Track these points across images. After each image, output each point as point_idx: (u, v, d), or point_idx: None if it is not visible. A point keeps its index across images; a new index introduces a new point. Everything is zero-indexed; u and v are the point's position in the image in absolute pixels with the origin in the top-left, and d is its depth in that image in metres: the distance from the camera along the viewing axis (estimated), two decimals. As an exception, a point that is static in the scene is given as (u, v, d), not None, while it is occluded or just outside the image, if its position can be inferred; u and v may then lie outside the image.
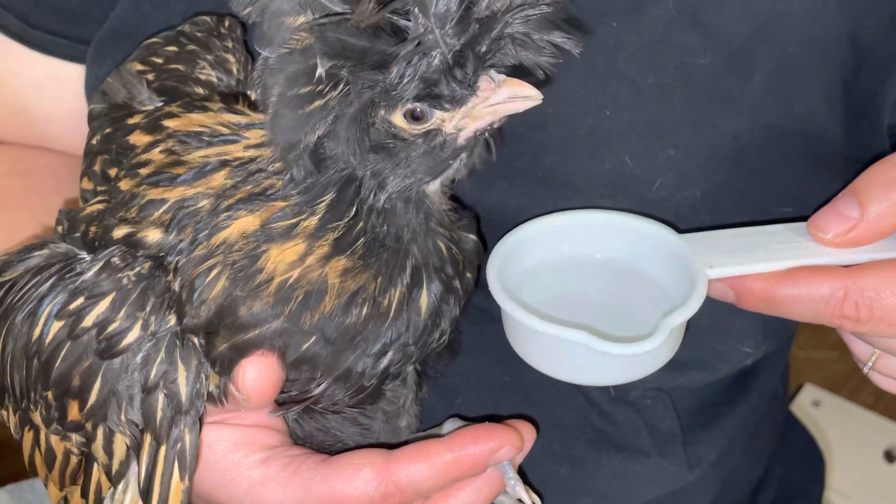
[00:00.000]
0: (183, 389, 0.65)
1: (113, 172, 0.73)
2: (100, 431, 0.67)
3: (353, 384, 0.69)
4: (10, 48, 0.99)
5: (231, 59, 0.81)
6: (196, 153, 0.69)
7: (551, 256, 0.79)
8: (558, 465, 0.89)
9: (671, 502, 0.91)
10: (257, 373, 0.66)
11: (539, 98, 0.63)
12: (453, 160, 0.66)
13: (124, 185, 0.70)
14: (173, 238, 0.66)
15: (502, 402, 0.88)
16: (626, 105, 0.79)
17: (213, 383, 0.68)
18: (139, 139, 0.72)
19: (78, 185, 0.79)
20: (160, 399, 0.65)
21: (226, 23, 0.83)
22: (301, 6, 0.59)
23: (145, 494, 0.67)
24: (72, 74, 0.99)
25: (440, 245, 0.70)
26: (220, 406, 0.69)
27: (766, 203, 0.82)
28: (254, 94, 0.81)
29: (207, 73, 0.80)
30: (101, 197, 0.72)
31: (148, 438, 0.66)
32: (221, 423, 0.72)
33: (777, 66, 0.79)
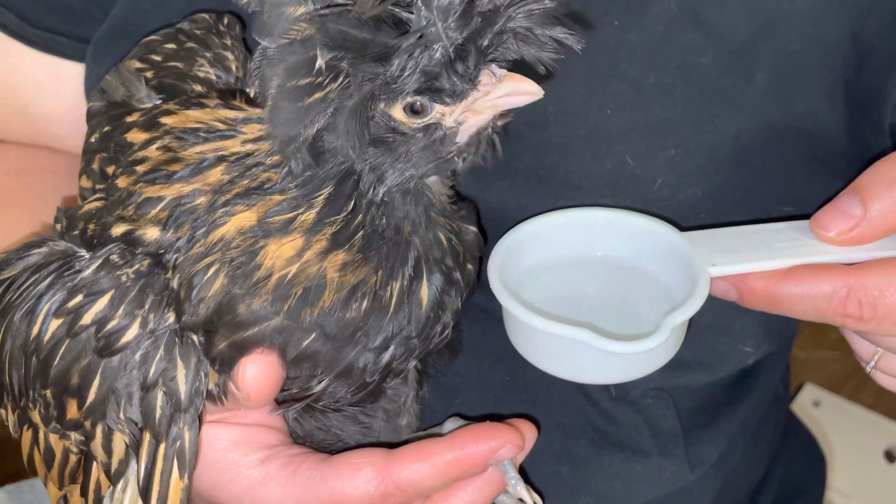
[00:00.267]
0: (182, 387, 0.65)
1: (111, 170, 0.73)
2: (99, 430, 0.67)
3: (354, 381, 0.69)
4: (10, 47, 0.99)
5: (230, 56, 0.81)
6: (192, 149, 0.68)
7: (552, 254, 0.79)
8: (559, 465, 0.89)
9: (672, 502, 0.91)
10: (257, 371, 0.66)
11: (540, 93, 0.63)
12: (454, 154, 0.65)
13: (121, 183, 0.70)
14: (171, 235, 0.66)
15: (503, 401, 0.88)
16: (628, 104, 0.79)
17: (213, 381, 0.67)
18: (136, 137, 0.72)
19: (76, 184, 0.79)
20: (159, 397, 0.65)
21: (225, 20, 0.83)
22: None
23: (144, 493, 0.67)
24: (72, 73, 0.98)
25: (440, 236, 0.69)
26: (220, 405, 0.69)
27: (767, 202, 0.81)
28: (252, 88, 0.81)
29: (206, 71, 0.80)
30: (100, 194, 0.72)
31: (147, 437, 0.66)
32: (221, 421, 0.72)
33: (779, 65, 0.78)
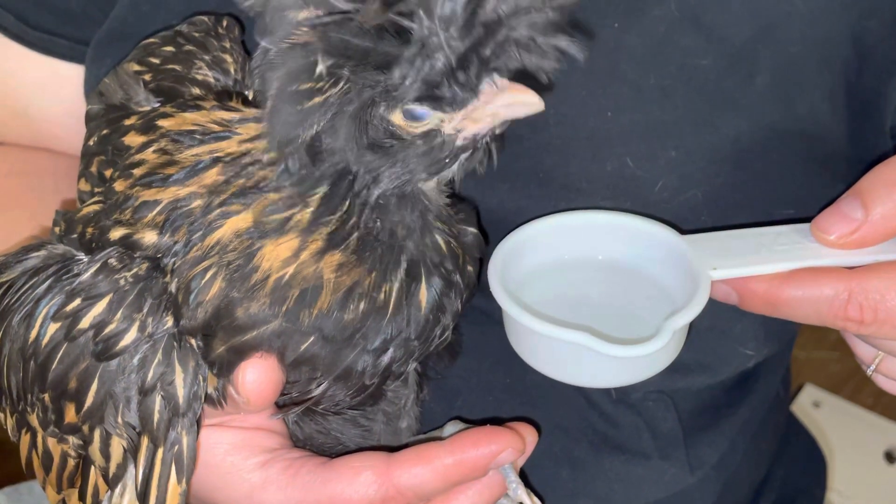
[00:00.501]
0: (180, 391, 0.65)
1: (109, 173, 0.73)
2: (97, 434, 0.67)
3: (353, 383, 0.69)
4: (10, 48, 0.99)
5: (228, 59, 0.81)
6: (188, 152, 0.68)
7: (553, 257, 0.79)
8: (559, 468, 0.89)
9: (673, 505, 0.91)
10: (257, 375, 0.66)
11: (541, 106, 0.63)
12: (451, 161, 0.65)
13: (119, 186, 0.70)
14: (168, 239, 0.66)
15: (503, 403, 0.88)
16: (628, 106, 0.79)
17: (212, 385, 0.67)
18: (134, 140, 0.72)
19: (76, 186, 0.79)
20: (157, 401, 0.65)
21: (223, 22, 0.83)
22: (304, 0, 0.59)
23: (142, 497, 0.67)
24: (71, 74, 0.98)
25: (438, 240, 0.69)
26: (220, 408, 0.69)
27: (768, 205, 0.81)
28: (251, 91, 0.81)
29: (204, 74, 0.80)
30: (98, 198, 0.72)
31: (145, 441, 0.66)
32: (221, 425, 0.72)
33: (779, 67, 0.78)
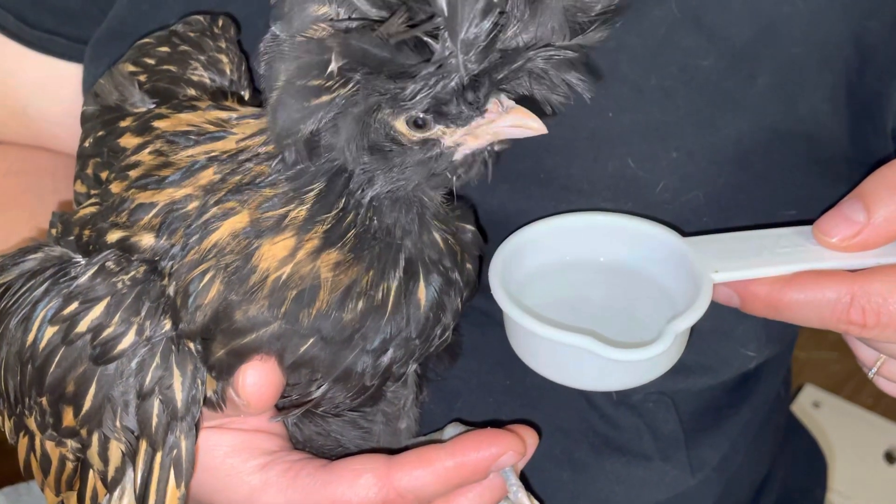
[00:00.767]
0: (178, 395, 0.65)
1: (105, 175, 0.73)
2: (95, 438, 0.66)
3: (353, 385, 0.69)
4: (9, 48, 0.98)
5: (224, 59, 0.81)
6: (183, 153, 0.68)
7: (554, 259, 0.78)
8: (560, 470, 0.89)
9: (673, 506, 0.91)
10: (257, 377, 0.66)
11: (544, 130, 0.63)
12: (447, 173, 0.65)
13: (115, 188, 0.69)
14: (164, 242, 0.66)
15: (503, 405, 0.88)
16: (629, 107, 0.79)
17: (211, 388, 0.67)
18: (129, 141, 0.72)
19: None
20: (155, 405, 0.65)
21: (219, 22, 0.83)
22: None
23: (141, 501, 0.66)
24: (70, 74, 0.98)
25: (436, 238, 0.69)
26: (219, 411, 0.68)
27: (770, 206, 0.81)
28: (246, 91, 0.81)
29: (200, 74, 0.79)
30: (94, 200, 0.71)
31: (143, 445, 0.66)
32: (220, 427, 0.72)
33: (780, 67, 0.78)
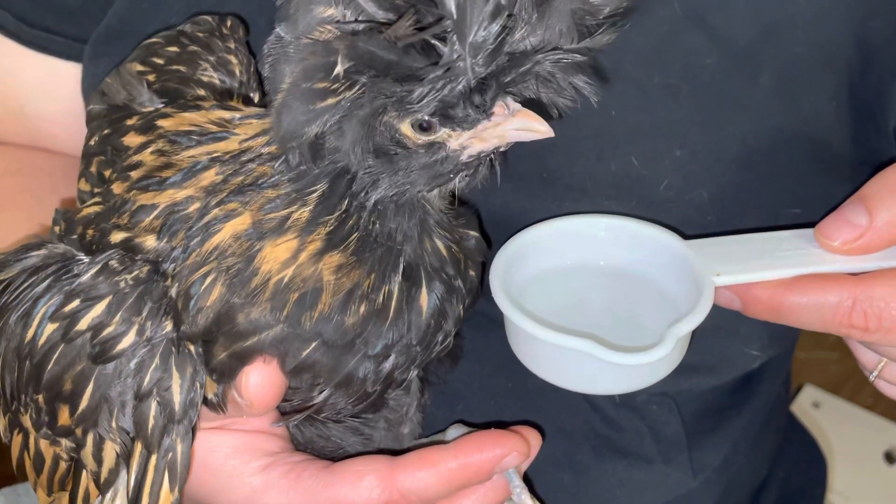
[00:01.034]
0: (176, 398, 0.64)
1: (108, 174, 0.72)
2: (90, 438, 0.66)
3: (355, 390, 0.68)
4: (7, 47, 0.98)
5: (233, 60, 0.80)
6: (185, 153, 0.68)
7: (555, 262, 0.78)
8: (562, 473, 0.89)
9: (674, 509, 0.90)
10: (260, 378, 0.65)
11: (550, 133, 0.62)
12: (453, 175, 0.65)
13: (117, 189, 0.69)
14: (165, 245, 0.65)
15: (505, 408, 0.88)
16: (632, 106, 0.78)
17: (212, 391, 0.67)
18: (133, 140, 0.71)
19: (73, 186, 0.78)
20: (153, 407, 0.64)
21: (227, 23, 0.82)
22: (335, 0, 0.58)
23: None
24: (69, 73, 0.98)
25: (439, 245, 0.68)
26: (221, 413, 0.68)
27: (774, 205, 0.81)
28: (255, 93, 0.80)
29: (210, 75, 0.79)
30: (97, 199, 0.71)
31: (139, 447, 0.65)
32: (221, 428, 0.71)
33: (783, 67, 0.78)
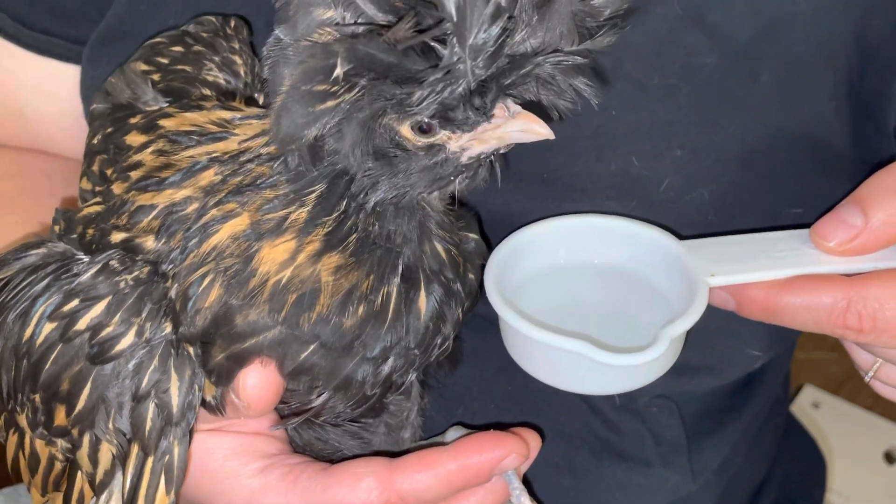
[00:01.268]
0: (174, 400, 0.64)
1: (109, 172, 0.72)
2: (86, 439, 0.66)
3: (353, 393, 0.68)
4: (6, 49, 0.98)
5: (238, 60, 0.80)
6: (184, 153, 0.67)
7: (549, 262, 0.78)
8: (561, 476, 0.88)
9: (673, 511, 0.90)
10: (258, 380, 0.65)
11: (551, 135, 0.62)
12: (453, 177, 0.65)
13: (116, 189, 0.69)
14: (163, 245, 0.65)
15: (505, 411, 0.88)
16: (632, 105, 0.78)
17: (210, 393, 0.67)
18: (134, 139, 0.71)
19: (72, 188, 0.78)
20: (150, 409, 0.64)
21: (232, 23, 0.82)
22: (333, 1, 0.58)
23: None
24: (68, 75, 0.97)
25: (438, 248, 0.68)
26: (220, 415, 0.68)
27: (775, 204, 0.81)
28: (260, 94, 0.80)
29: (215, 75, 0.79)
30: (98, 199, 0.71)
31: (135, 449, 0.65)
32: (219, 430, 0.71)
33: (783, 66, 0.78)
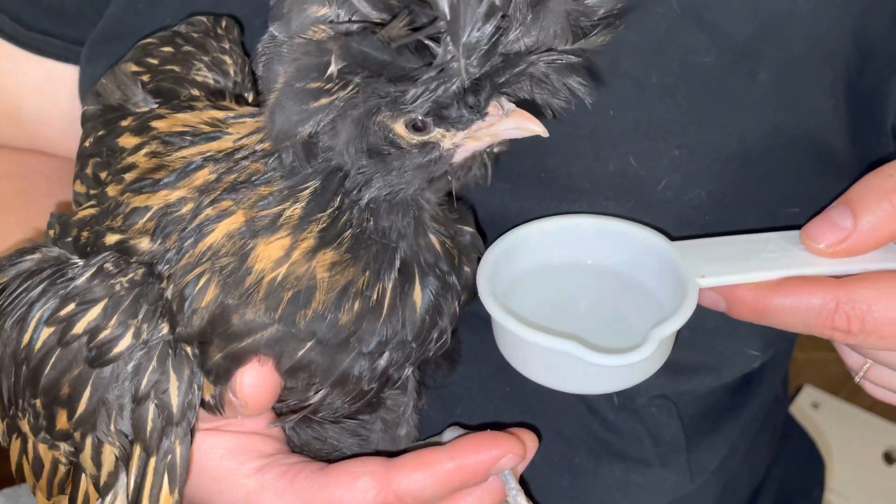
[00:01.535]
0: (174, 400, 0.64)
1: (104, 175, 0.72)
2: (88, 441, 0.66)
3: (351, 389, 0.68)
4: (5, 50, 0.98)
5: (228, 60, 0.80)
6: (177, 154, 0.67)
7: (542, 262, 0.78)
8: (559, 476, 0.88)
9: (672, 511, 0.90)
10: (255, 379, 0.65)
11: (544, 132, 0.63)
12: (446, 174, 0.65)
13: (111, 192, 0.69)
14: (159, 246, 0.65)
15: (503, 411, 0.88)
16: (630, 104, 0.78)
17: (209, 393, 0.67)
18: (127, 141, 0.71)
19: (70, 189, 0.78)
20: (151, 409, 0.64)
21: (222, 23, 0.82)
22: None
23: None
24: (66, 76, 0.97)
25: (433, 241, 0.68)
26: (218, 415, 0.68)
27: (773, 203, 0.81)
28: (249, 93, 0.80)
29: (204, 75, 0.79)
30: (93, 201, 0.71)
31: (137, 450, 0.65)
32: (217, 429, 0.71)
33: (781, 64, 0.78)
